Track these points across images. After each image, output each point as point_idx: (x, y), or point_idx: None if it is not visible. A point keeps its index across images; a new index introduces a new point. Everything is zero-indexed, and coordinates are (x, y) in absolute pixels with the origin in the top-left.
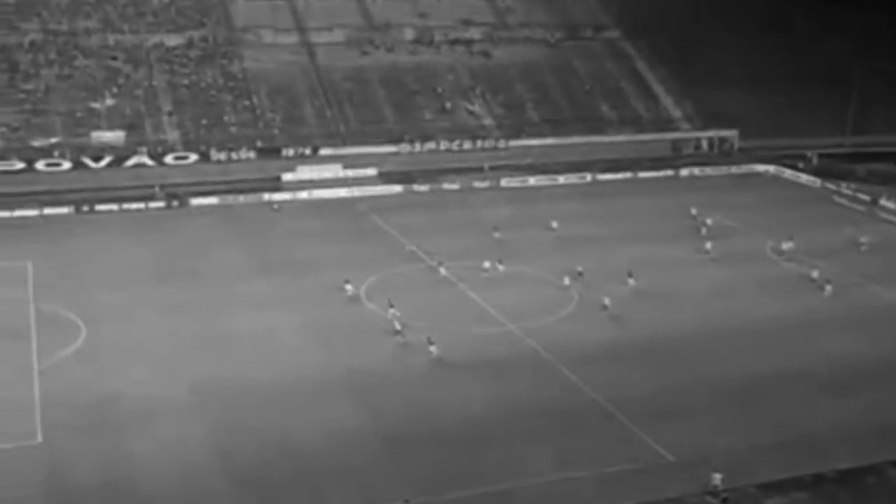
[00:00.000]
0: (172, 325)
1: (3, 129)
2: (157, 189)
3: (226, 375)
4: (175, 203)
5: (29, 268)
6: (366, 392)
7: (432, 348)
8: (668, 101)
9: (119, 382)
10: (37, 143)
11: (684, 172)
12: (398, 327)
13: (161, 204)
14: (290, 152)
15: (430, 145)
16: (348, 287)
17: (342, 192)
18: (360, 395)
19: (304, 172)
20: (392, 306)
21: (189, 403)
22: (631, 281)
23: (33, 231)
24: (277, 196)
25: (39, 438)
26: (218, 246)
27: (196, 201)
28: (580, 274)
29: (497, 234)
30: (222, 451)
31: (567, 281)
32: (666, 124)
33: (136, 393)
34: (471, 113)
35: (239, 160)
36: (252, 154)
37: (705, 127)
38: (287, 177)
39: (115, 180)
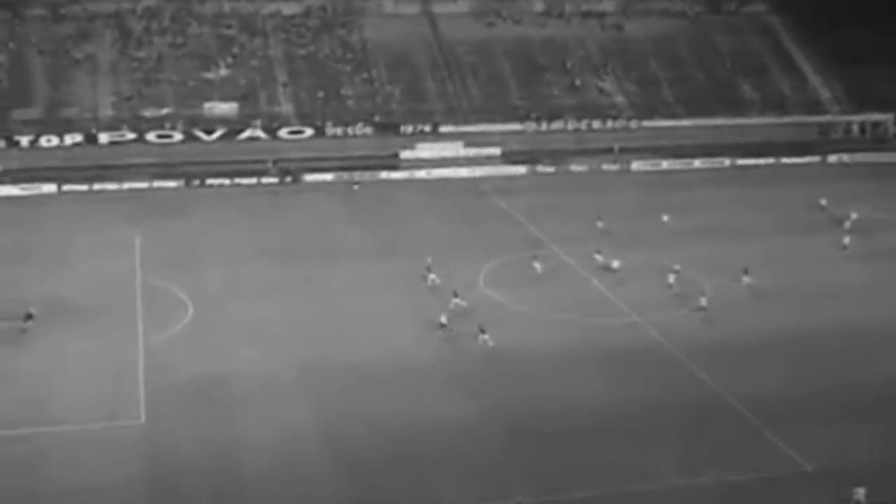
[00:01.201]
0: (282, 304)
1: (114, 99)
2: (270, 164)
3: (336, 358)
4: (288, 179)
5: (137, 241)
6: (476, 382)
7: (485, 337)
8: (816, 81)
9: (226, 363)
10: (148, 113)
11: (832, 159)
12: (444, 321)
13: (274, 179)
14: (410, 129)
15: (557, 124)
16: (431, 277)
17: (463, 172)
18: (470, 385)
19: (424, 150)
20: (456, 296)
21: (298, 386)
22: (746, 278)
23: (142, 204)
24: (395, 175)
25: (143, 419)
26: (331, 224)
27: (310, 177)
28: (676, 271)
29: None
30: (331, 435)
31: (672, 279)
32: (813, 106)
33: (244, 374)
34: (601, 90)
35: (355, 135)
36: (369, 129)
37: (857, 110)
38: (405, 154)
39: (227, 154)
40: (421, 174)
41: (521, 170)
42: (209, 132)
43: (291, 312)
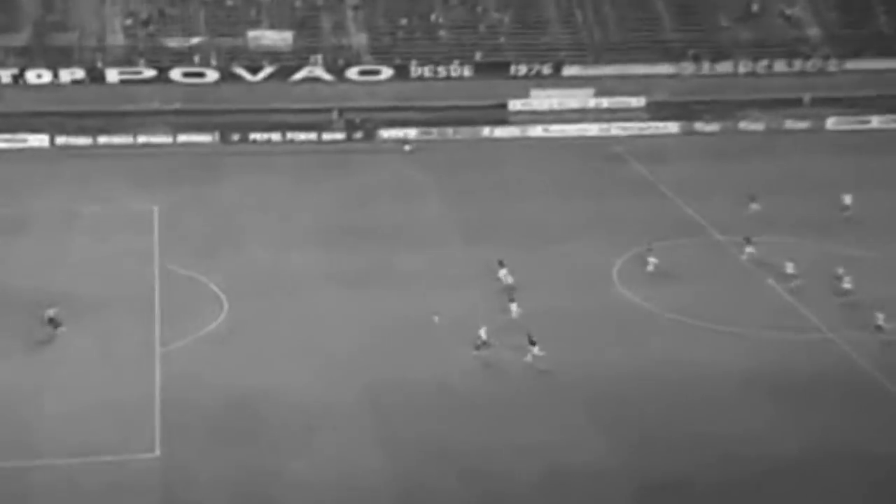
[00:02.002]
0: (341, 302)
1: (127, 22)
2: (334, 114)
3: (406, 373)
4: (358, 135)
5: (155, 214)
6: (603, 412)
7: (535, 350)
8: None
9: (267, 377)
10: (172, 42)
11: None
12: (484, 337)
13: (339, 135)
14: (522, 70)
15: (725, 66)
16: (502, 271)
17: (592, 129)
18: (595, 416)
19: (541, 99)
20: (513, 300)
21: (357, 408)
22: None
23: (163, 164)
24: (501, 132)
25: (157, 451)
26: (412, 197)
27: (387, 133)
28: (839, 277)
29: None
30: (400, 473)
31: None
32: None
33: (289, 392)
34: (788, 18)
35: (449, 78)
36: (468, 71)
37: None
38: (516, 104)
39: (276, 100)
40: (536, 131)
41: (671, 127)
42: (254, 70)
43: (353, 313)
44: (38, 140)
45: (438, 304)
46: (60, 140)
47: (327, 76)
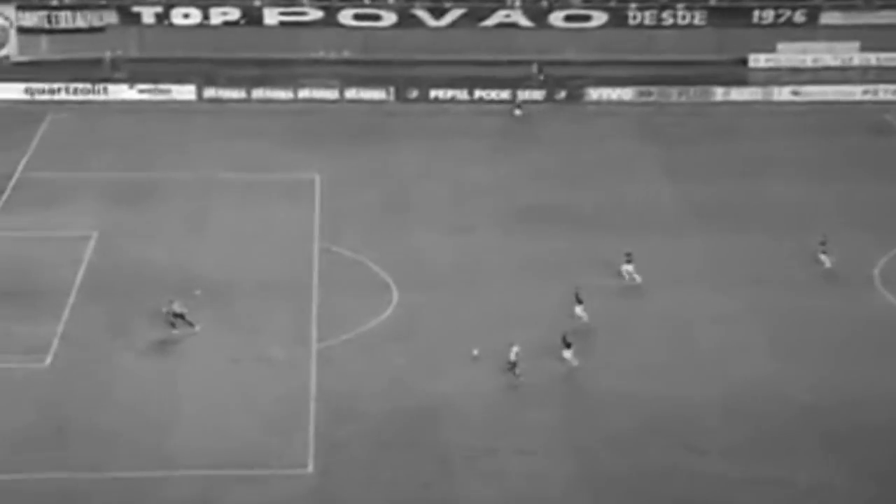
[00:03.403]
0: (532, 298)
1: None
2: (533, 69)
3: (616, 387)
4: (561, 94)
5: (316, 183)
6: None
7: (567, 355)
8: None
9: (440, 384)
10: None
11: None
12: (513, 357)
13: (538, 95)
14: (768, 17)
15: None
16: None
17: (855, 93)
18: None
19: (790, 54)
20: (580, 301)
21: (550, 430)
22: None
23: (327, 125)
24: (740, 94)
25: (310, 467)
26: (625, 172)
27: (596, 93)
28: None
29: None
30: None
31: None
32: None
33: (467, 404)
34: None
35: (676, 26)
36: (700, 17)
37: None
38: (758, 60)
39: (464, 49)
40: (782, 94)
41: None
42: (438, 13)
43: (543, 312)
44: (183, 92)
45: (652, 305)
46: (209, 92)
47: (526, 21)
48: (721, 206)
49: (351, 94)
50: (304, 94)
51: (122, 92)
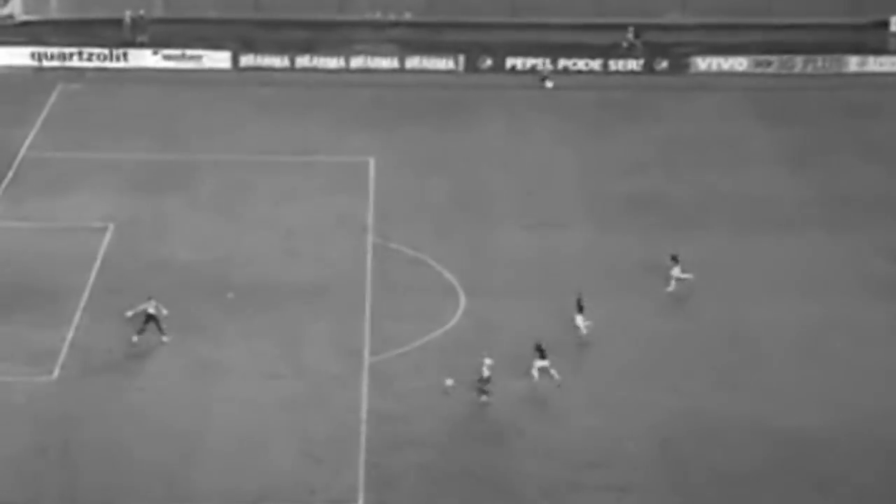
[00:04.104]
0: (623, 302)
1: None
2: (628, 34)
3: (750, 412)
4: (662, 64)
5: (370, 168)
6: None
7: (540, 364)
8: None
9: (516, 405)
10: None
11: None
12: (486, 373)
13: (635, 65)
14: None
15: None
16: (674, 269)
17: None
18: None
19: None
20: (581, 311)
21: (652, 461)
22: None
23: (385, 99)
24: (877, 63)
25: (360, 501)
26: (736, 157)
27: (704, 63)
28: None
29: None
30: None
31: None
32: None
33: (548, 422)
34: None
35: None
36: None
37: None
38: None
39: (545, 11)
40: None
41: None
42: None
43: (635, 321)
44: (217, 59)
45: (766, 315)
46: (246, 60)
47: None
48: (853, 199)
49: (412, 63)
50: (357, 62)
51: (144, 59)
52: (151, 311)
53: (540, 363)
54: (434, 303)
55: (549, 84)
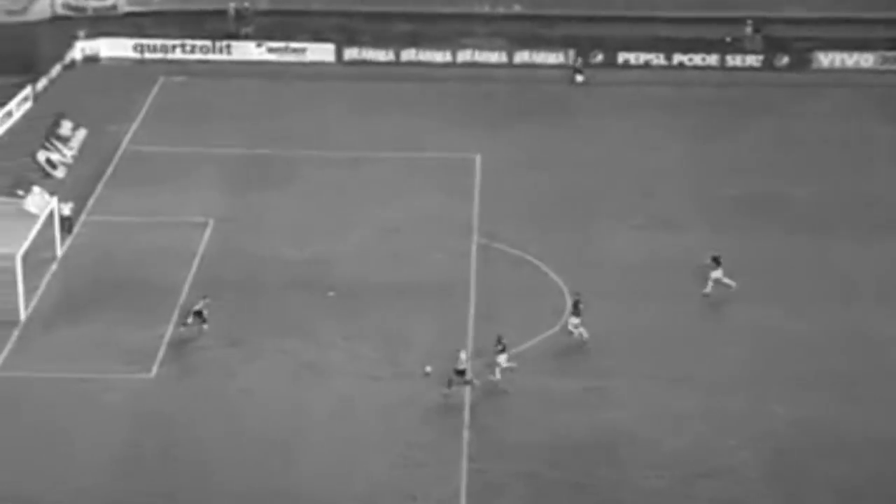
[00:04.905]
0: (747, 318)
1: None
2: (747, 28)
3: (869, 423)
4: (782, 60)
5: (476, 165)
6: None
7: (502, 360)
8: None
9: (622, 420)
10: None
11: None
12: (462, 366)
13: (752, 60)
14: None
15: None
16: (715, 273)
17: None
18: None
19: None
20: (575, 323)
21: (766, 473)
22: None
23: (493, 94)
24: None
25: None
26: (861, 157)
27: (827, 59)
28: None
29: None
30: None
31: None
32: None
33: (654, 446)
34: None
35: None
36: None
37: None
38: None
39: (659, 3)
40: None
41: None
42: None
43: (763, 334)
44: (320, 52)
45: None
46: (350, 53)
47: None
48: None
49: (522, 57)
50: (464, 56)
51: (248, 51)
52: (199, 307)
53: (501, 357)
54: (540, 306)
55: (579, 78)
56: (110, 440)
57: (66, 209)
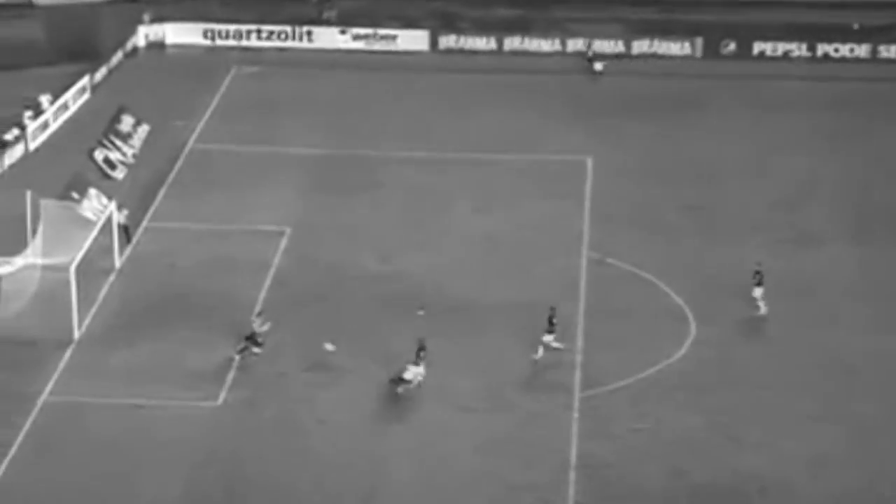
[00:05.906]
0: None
1: None
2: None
3: None
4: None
5: (588, 169)
6: None
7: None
8: None
9: (754, 454)
10: None
11: None
12: (410, 375)
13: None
14: None
15: None
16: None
17: None
18: None
19: None
20: (552, 324)
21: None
22: None
23: (604, 90)
24: None
25: None
26: None
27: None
28: None
29: None
30: None
31: None
32: None
33: (791, 473)
34: None
35: None
36: None
37: None
38: None
39: None
40: None
41: None
42: None
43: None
44: (413, 40)
45: None
46: (446, 41)
47: None
48: None
49: (640, 47)
50: (574, 45)
51: (331, 39)
52: (255, 328)
53: (413, 369)
54: (658, 329)
55: (598, 67)
56: (170, 477)
57: (122, 217)
